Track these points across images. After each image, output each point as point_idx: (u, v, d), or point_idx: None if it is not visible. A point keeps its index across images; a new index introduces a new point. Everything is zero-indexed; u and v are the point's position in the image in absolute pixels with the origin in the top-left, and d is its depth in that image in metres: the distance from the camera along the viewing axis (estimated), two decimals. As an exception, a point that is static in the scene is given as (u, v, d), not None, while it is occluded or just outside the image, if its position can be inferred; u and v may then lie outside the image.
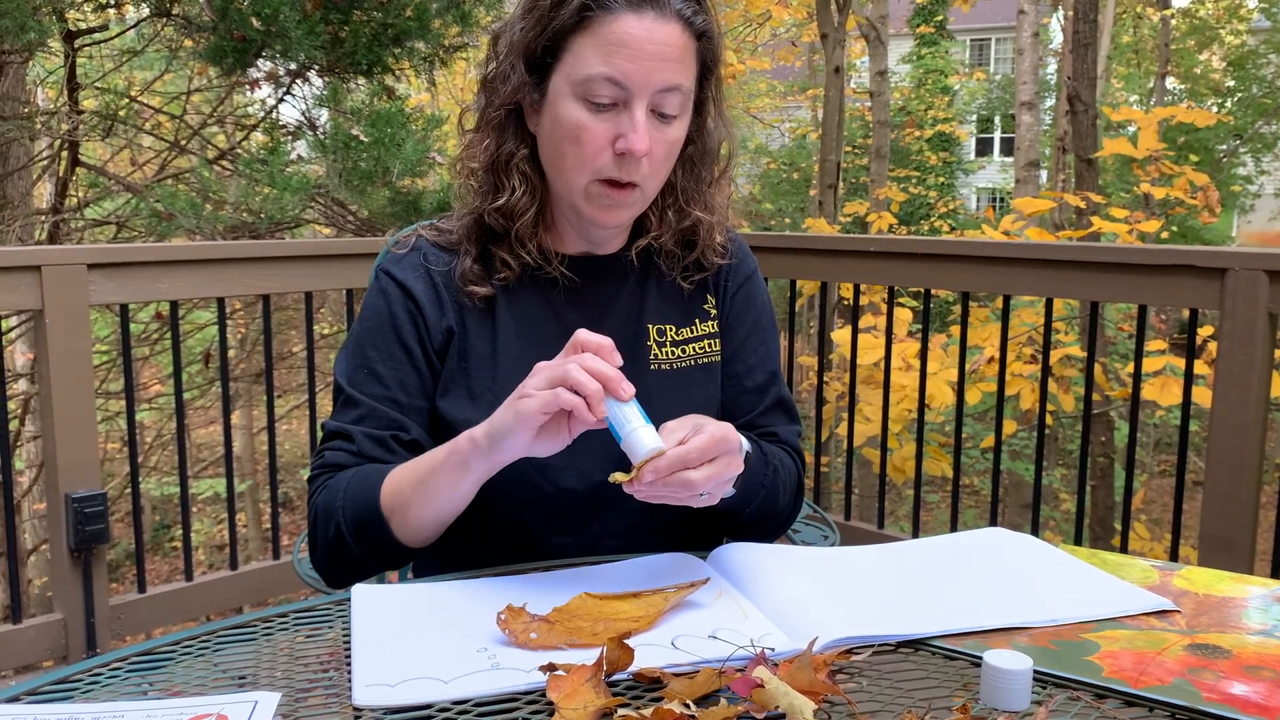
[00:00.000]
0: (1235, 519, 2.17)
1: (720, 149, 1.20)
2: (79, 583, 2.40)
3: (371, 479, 1.06)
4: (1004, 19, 21.35)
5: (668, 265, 1.22)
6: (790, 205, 19.87)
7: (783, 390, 1.27)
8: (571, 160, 1.09)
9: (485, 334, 1.15)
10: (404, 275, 1.16)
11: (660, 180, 1.13)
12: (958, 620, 0.89)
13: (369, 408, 1.12)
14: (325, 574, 1.12)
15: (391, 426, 1.12)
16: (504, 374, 1.14)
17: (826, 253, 2.96)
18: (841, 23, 8.62)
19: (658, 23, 1.05)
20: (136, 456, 2.63)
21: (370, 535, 1.05)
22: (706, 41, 1.11)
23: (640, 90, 1.05)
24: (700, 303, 1.23)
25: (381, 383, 1.13)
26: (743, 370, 1.24)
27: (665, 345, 1.20)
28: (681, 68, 1.07)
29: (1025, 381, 4.84)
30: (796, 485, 1.24)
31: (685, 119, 1.12)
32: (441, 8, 4.17)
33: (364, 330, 1.16)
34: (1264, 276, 2.13)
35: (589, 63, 1.05)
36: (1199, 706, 0.75)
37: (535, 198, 1.15)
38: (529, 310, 1.17)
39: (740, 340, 1.24)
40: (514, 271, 1.15)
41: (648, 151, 1.07)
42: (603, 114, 1.07)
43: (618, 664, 0.78)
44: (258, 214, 3.86)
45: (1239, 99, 18.87)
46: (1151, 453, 11.79)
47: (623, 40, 1.04)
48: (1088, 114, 6.16)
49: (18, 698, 0.78)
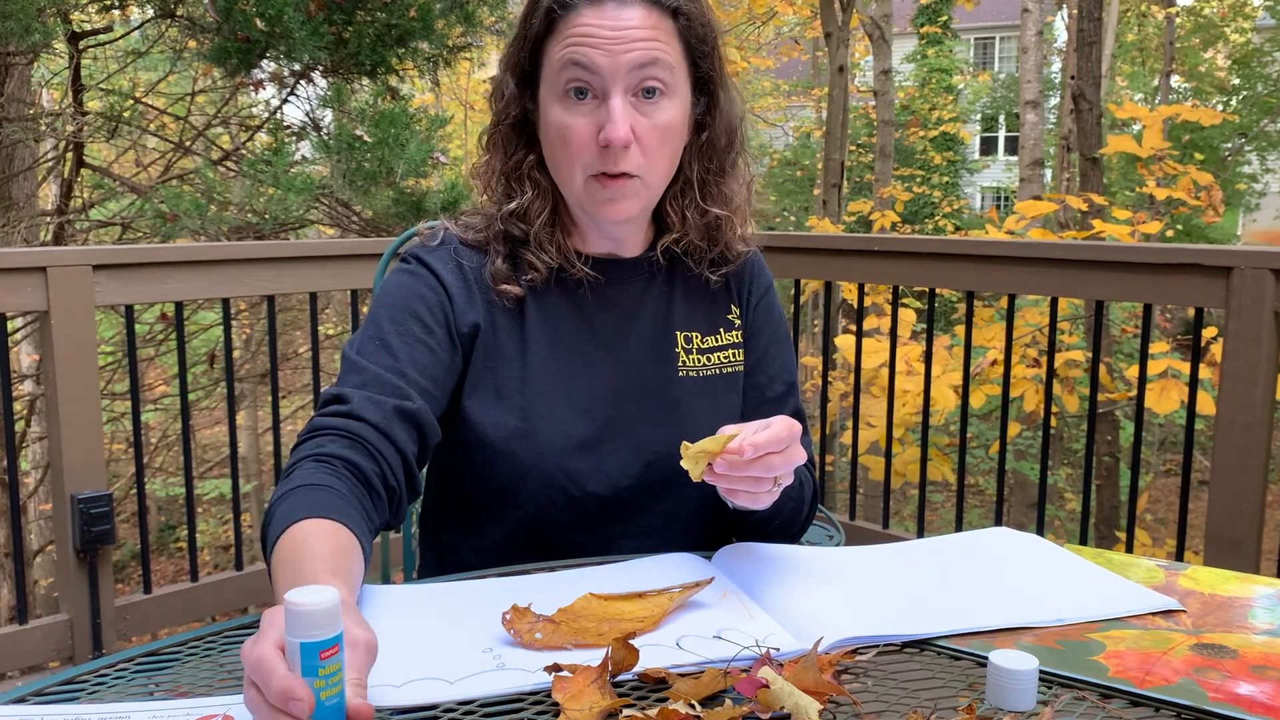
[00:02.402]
0: (1241, 518, 2.16)
1: (739, 130, 1.18)
2: (85, 583, 2.40)
3: (287, 515, 0.90)
4: (1008, 17, 21.33)
5: (695, 262, 1.21)
6: (794, 204, 19.86)
7: (799, 402, 1.27)
8: (564, 161, 1.10)
9: (514, 334, 1.15)
10: (435, 263, 1.14)
11: (661, 167, 1.11)
12: (963, 620, 0.89)
13: (373, 374, 1.06)
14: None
15: (396, 395, 1.04)
16: (533, 374, 1.13)
17: (830, 252, 2.96)
18: (845, 22, 8.62)
19: (619, 9, 1.06)
20: (142, 457, 2.63)
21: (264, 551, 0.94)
22: (685, 19, 1.09)
23: (611, 76, 1.05)
24: (725, 312, 1.23)
25: (391, 354, 1.07)
26: (764, 380, 1.24)
27: (692, 353, 1.20)
28: (652, 44, 1.06)
29: (1030, 384, 4.83)
30: (812, 496, 1.24)
31: (677, 101, 1.10)
32: (445, 8, 4.17)
33: (381, 306, 1.12)
34: (1269, 275, 2.12)
35: (559, 58, 1.07)
36: (1205, 707, 0.75)
37: (548, 201, 1.15)
38: (557, 312, 1.17)
39: (761, 350, 1.24)
40: (540, 273, 1.15)
41: (628, 139, 1.06)
42: (584, 111, 1.07)
43: (623, 664, 0.78)
44: (262, 215, 3.86)
45: (1244, 97, 18.84)
46: (1157, 452, 11.76)
47: (585, 31, 1.06)
48: (1092, 112, 6.14)
49: (24, 698, 0.79)
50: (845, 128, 8.76)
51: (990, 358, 4.78)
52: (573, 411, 1.14)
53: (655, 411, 1.16)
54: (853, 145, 16.81)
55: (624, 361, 1.17)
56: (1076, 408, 5.12)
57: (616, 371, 1.16)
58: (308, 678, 0.70)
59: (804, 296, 3.94)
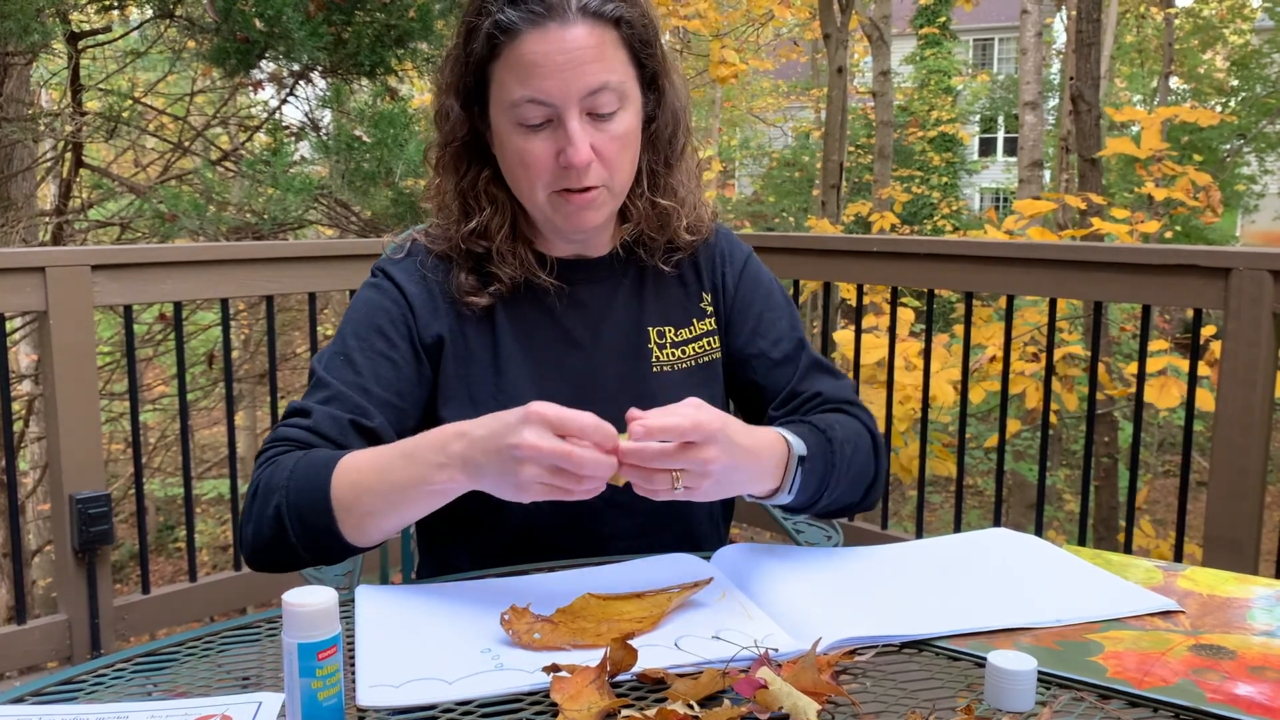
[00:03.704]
0: (1240, 519, 2.16)
1: (684, 116, 1.18)
2: (83, 584, 2.40)
3: (321, 466, 1.00)
4: (1007, 18, 21.33)
5: (647, 253, 1.21)
6: (793, 205, 19.86)
7: (813, 353, 1.24)
8: (524, 183, 1.10)
9: (485, 341, 1.16)
10: (399, 275, 1.16)
11: (625, 172, 1.12)
12: (962, 621, 0.89)
13: (336, 390, 1.10)
14: (251, 555, 1.04)
15: (354, 411, 1.08)
16: (508, 379, 1.14)
17: (829, 253, 2.96)
18: (844, 23, 8.62)
19: (562, 30, 1.04)
20: (140, 457, 2.63)
21: (313, 527, 0.99)
22: (626, 26, 1.08)
23: (565, 103, 1.05)
24: (697, 301, 1.23)
25: (355, 370, 1.11)
26: (767, 346, 1.22)
27: (666, 347, 1.20)
28: (602, 65, 1.05)
29: (1029, 380, 4.83)
30: (871, 441, 1.17)
31: (630, 108, 1.10)
32: (444, 9, 4.17)
33: (348, 322, 1.16)
34: (1268, 276, 2.12)
35: (510, 89, 1.06)
36: (1203, 707, 0.75)
37: (507, 215, 1.16)
38: (527, 316, 1.17)
39: (756, 319, 1.23)
40: (506, 286, 1.16)
41: (589, 162, 1.06)
42: (540, 133, 1.07)
43: (621, 665, 0.78)
44: (261, 215, 3.87)
45: (1243, 98, 18.85)
46: (1155, 453, 11.76)
47: (533, 60, 1.04)
48: (1091, 114, 6.14)
49: (23, 698, 0.79)
50: (844, 129, 8.76)
51: (989, 354, 4.78)
52: None
53: (631, 409, 1.16)
54: (851, 146, 16.81)
55: (597, 361, 1.17)
56: (1076, 406, 5.12)
57: (590, 372, 1.17)
58: (305, 678, 0.70)
59: (803, 297, 3.94)
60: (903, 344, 4.38)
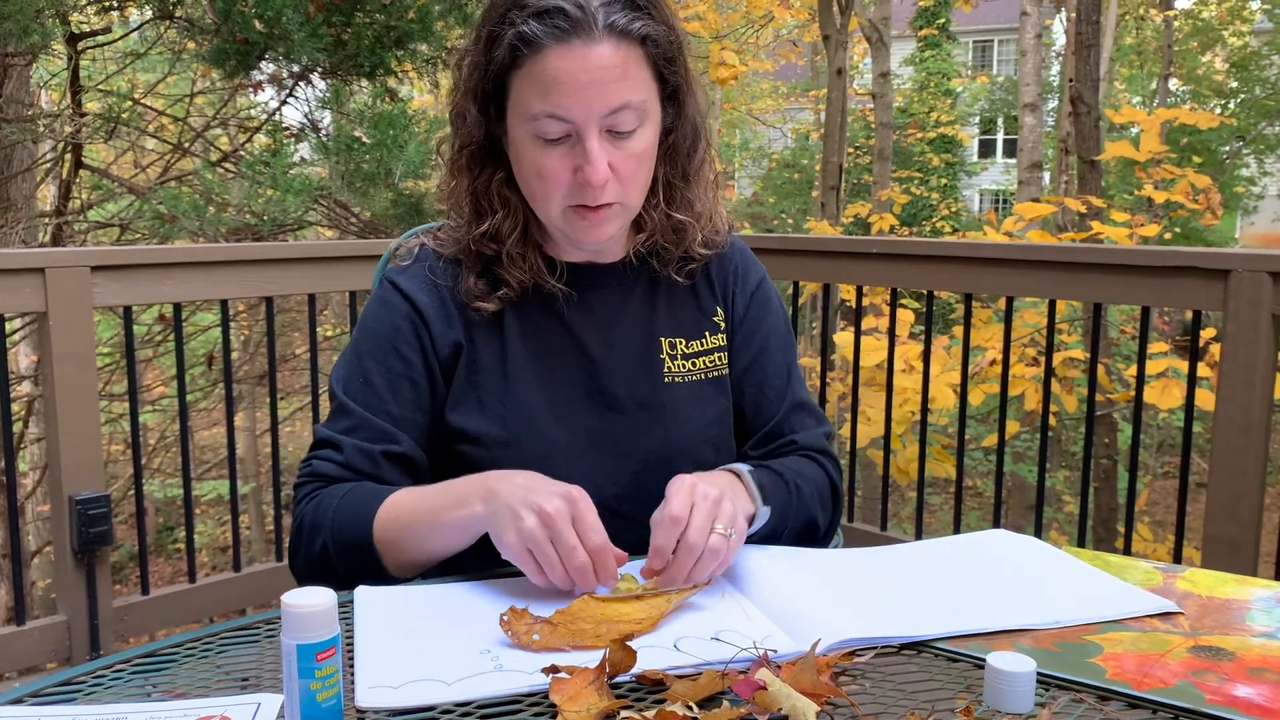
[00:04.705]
0: (1239, 521, 2.16)
1: (703, 128, 1.17)
2: (82, 584, 2.40)
3: (363, 505, 1.06)
4: (1007, 20, 21.34)
5: (660, 263, 1.21)
6: (792, 206, 19.86)
7: (801, 393, 1.25)
8: (539, 194, 1.10)
9: (493, 346, 1.15)
10: (409, 286, 1.15)
11: (639, 188, 1.11)
12: (961, 622, 0.89)
13: (361, 418, 1.11)
14: (302, 582, 1.10)
15: (382, 439, 1.11)
16: (514, 384, 1.14)
17: (829, 254, 2.96)
18: (844, 24, 8.63)
19: (588, 48, 1.01)
20: (140, 458, 2.63)
21: (358, 561, 1.05)
22: (652, 44, 1.06)
23: (585, 121, 1.03)
24: (710, 314, 1.23)
25: (376, 394, 1.12)
26: (764, 377, 1.23)
27: (677, 358, 1.19)
28: (625, 84, 1.03)
29: (1029, 382, 4.84)
30: (831, 494, 1.21)
31: (650, 126, 1.09)
32: (444, 10, 4.17)
33: (363, 339, 1.16)
34: (1267, 278, 2.12)
35: (530, 103, 1.04)
36: (1202, 709, 0.75)
37: (519, 218, 1.15)
38: (537, 321, 1.17)
39: (759, 346, 1.23)
40: (515, 290, 1.15)
41: (605, 181, 1.05)
42: (558, 147, 1.06)
43: (620, 666, 0.78)
44: (261, 216, 3.87)
45: (1242, 100, 18.85)
46: (1155, 454, 11.77)
47: (555, 77, 1.02)
48: (1090, 116, 6.15)
49: (21, 699, 0.79)
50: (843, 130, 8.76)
51: (989, 357, 4.78)
52: (556, 420, 1.14)
53: (641, 419, 1.16)
54: (851, 148, 16.81)
55: (607, 369, 1.16)
56: (1075, 408, 5.12)
57: (600, 379, 1.16)
58: (304, 679, 0.70)
59: (802, 298, 3.94)
60: (902, 346, 4.38)
